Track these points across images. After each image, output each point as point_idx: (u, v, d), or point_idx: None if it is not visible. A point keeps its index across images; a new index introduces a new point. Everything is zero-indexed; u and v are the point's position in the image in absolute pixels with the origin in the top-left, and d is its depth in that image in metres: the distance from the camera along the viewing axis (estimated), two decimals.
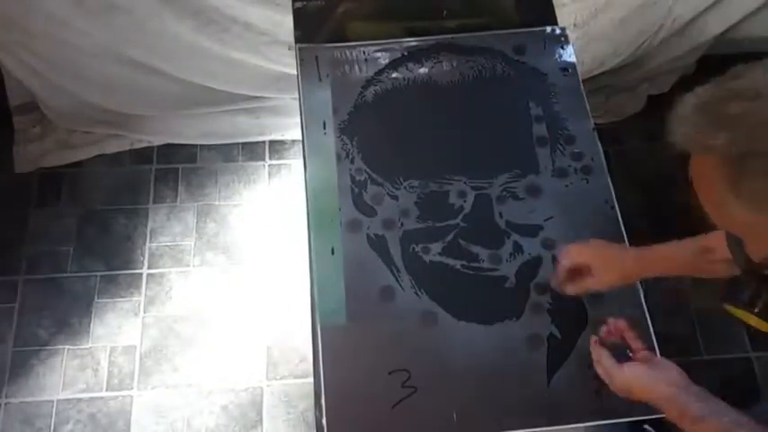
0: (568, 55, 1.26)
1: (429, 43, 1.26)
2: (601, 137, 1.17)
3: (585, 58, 1.77)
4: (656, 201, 1.88)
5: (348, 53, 1.26)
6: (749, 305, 0.70)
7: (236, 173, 1.93)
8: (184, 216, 1.86)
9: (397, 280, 1.06)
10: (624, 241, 1.09)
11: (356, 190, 1.13)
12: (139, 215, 1.86)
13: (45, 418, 1.61)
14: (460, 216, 1.11)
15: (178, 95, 1.80)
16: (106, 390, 1.64)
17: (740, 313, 0.71)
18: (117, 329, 1.71)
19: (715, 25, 1.78)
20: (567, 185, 1.14)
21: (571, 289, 0.98)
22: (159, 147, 1.95)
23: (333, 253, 1.07)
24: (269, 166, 1.95)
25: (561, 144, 1.17)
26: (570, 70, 1.24)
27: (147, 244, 1.82)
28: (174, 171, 1.93)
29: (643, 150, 1.98)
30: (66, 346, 1.69)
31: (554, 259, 1.07)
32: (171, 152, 1.95)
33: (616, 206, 1.12)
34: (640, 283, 1.06)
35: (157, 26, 1.54)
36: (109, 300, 1.74)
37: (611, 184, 1.13)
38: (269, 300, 1.76)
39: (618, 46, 1.76)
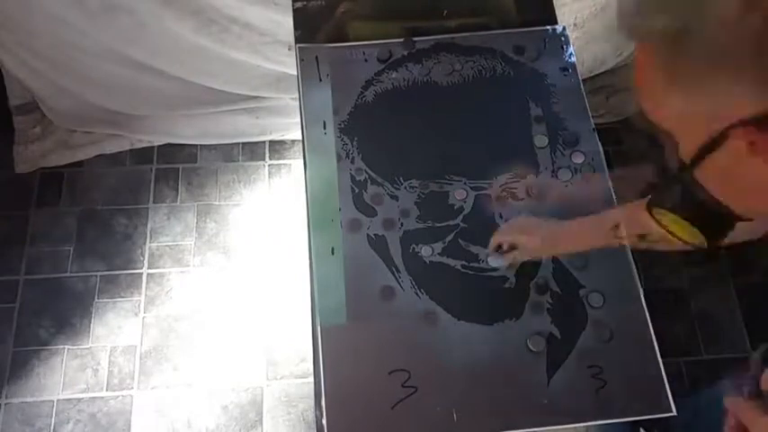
0: (568, 55, 1.26)
1: (429, 43, 1.26)
2: (601, 137, 1.17)
3: (585, 58, 1.77)
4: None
5: (348, 53, 1.25)
6: (679, 208, 0.59)
7: (237, 173, 1.93)
8: (184, 216, 1.86)
9: (396, 280, 1.06)
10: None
11: (356, 190, 1.13)
12: (139, 215, 1.86)
13: (45, 418, 1.61)
14: (460, 216, 1.11)
15: (178, 95, 1.80)
16: (106, 390, 1.65)
17: (669, 218, 0.60)
18: (117, 329, 1.71)
19: None
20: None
21: (503, 261, 1.06)
22: (159, 147, 1.95)
23: (333, 253, 1.07)
24: (269, 165, 1.95)
25: (561, 144, 1.17)
26: (570, 70, 1.24)
27: (148, 244, 1.82)
28: (174, 171, 1.93)
29: (643, 150, 1.98)
30: (67, 346, 1.69)
31: (554, 259, 1.07)
32: (171, 152, 1.95)
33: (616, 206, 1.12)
34: (640, 283, 1.06)
35: (158, 26, 1.54)
36: (109, 300, 1.75)
37: (611, 183, 1.13)
38: (269, 300, 1.76)
39: (618, 46, 1.76)
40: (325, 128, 1.18)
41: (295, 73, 1.26)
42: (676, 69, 0.45)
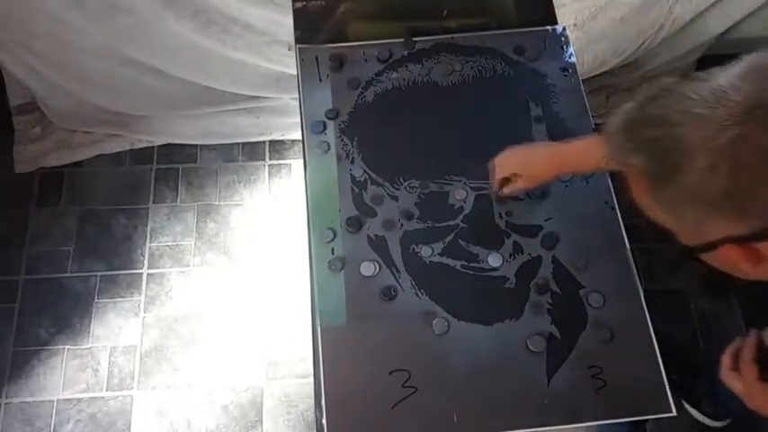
0: (568, 55, 1.26)
1: (429, 43, 1.26)
2: None
3: (585, 58, 1.77)
4: None
5: (348, 53, 1.25)
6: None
7: (237, 173, 1.93)
8: (184, 216, 1.86)
9: (396, 280, 1.06)
10: (625, 242, 1.09)
11: (356, 190, 1.13)
12: (140, 215, 1.86)
13: (45, 418, 1.61)
14: (460, 216, 1.11)
15: (178, 95, 1.81)
16: (106, 390, 1.65)
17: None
18: (117, 329, 1.71)
19: (715, 25, 1.78)
20: (566, 186, 1.14)
21: (505, 192, 1.07)
22: (159, 147, 1.95)
23: (333, 253, 1.07)
24: (269, 166, 1.95)
25: None
26: (570, 70, 1.24)
27: (148, 244, 1.82)
28: (174, 171, 1.93)
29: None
30: (67, 346, 1.69)
31: (554, 260, 1.07)
32: (171, 152, 1.95)
33: (616, 206, 1.12)
34: (640, 282, 1.06)
35: (158, 26, 1.54)
36: (109, 300, 1.75)
37: (611, 184, 1.13)
38: (269, 300, 1.76)
39: (618, 46, 1.76)
40: (325, 128, 1.18)
41: (295, 73, 1.26)
42: (660, 197, 0.59)
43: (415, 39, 1.27)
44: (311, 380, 1.02)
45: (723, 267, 0.64)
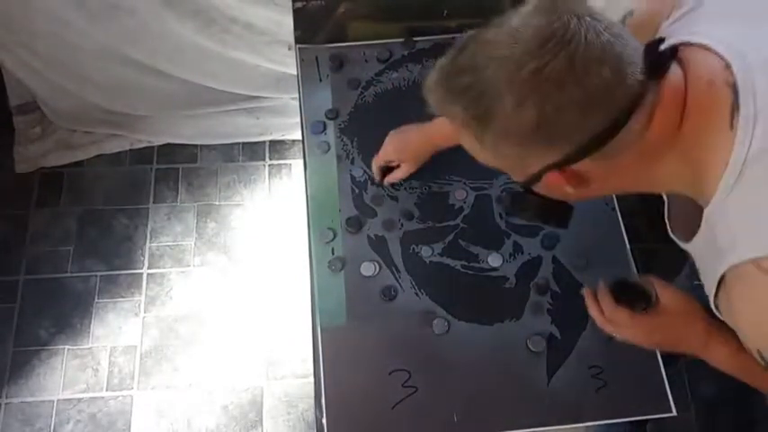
0: None
1: (429, 43, 1.27)
2: None
3: None
4: (655, 201, 1.88)
5: (348, 53, 1.26)
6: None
7: (237, 173, 1.93)
8: (185, 216, 1.86)
9: (397, 280, 1.06)
10: (625, 242, 1.09)
11: (356, 190, 1.13)
12: (140, 215, 1.86)
13: (45, 418, 1.61)
14: (460, 216, 1.11)
15: (178, 95, 1.81)
16: (106, 390, 1.65)
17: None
18: (117, 329, 1.71)
19: None
20: None
21: (390, 180, 1.11)
22: (159, 147, 1.95)
23: (333, 253, 1.08)
24: (269, 166, 1.95)
25: None
26: None
27: (148, 244, 1.82)
28: (174, 171, 1.93)
29: None
30: (67, 346, 1.69)
31: (554, 260, 1.08)
32: (171, 152, 1.95)
33: (616, 207, 1.12)
34: None
35: (158, 26, 1.54)
36: (109, 300, 1.75)
37: None
38: (269, 300, 1.76)
39: None
40: (325, 128, 1.18)
41: (295, 73, 1.26)
42: (482, 140, 0.64)
43: (415, 39, 1.27)
44: (311, 380, 1.02)
45: (553, 194, 0.71)
